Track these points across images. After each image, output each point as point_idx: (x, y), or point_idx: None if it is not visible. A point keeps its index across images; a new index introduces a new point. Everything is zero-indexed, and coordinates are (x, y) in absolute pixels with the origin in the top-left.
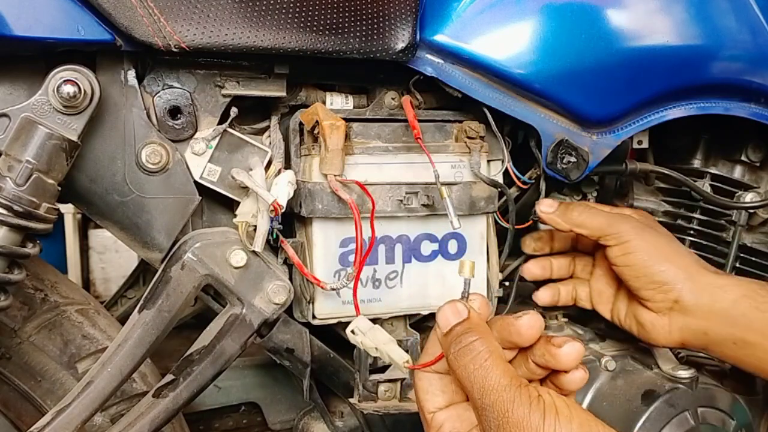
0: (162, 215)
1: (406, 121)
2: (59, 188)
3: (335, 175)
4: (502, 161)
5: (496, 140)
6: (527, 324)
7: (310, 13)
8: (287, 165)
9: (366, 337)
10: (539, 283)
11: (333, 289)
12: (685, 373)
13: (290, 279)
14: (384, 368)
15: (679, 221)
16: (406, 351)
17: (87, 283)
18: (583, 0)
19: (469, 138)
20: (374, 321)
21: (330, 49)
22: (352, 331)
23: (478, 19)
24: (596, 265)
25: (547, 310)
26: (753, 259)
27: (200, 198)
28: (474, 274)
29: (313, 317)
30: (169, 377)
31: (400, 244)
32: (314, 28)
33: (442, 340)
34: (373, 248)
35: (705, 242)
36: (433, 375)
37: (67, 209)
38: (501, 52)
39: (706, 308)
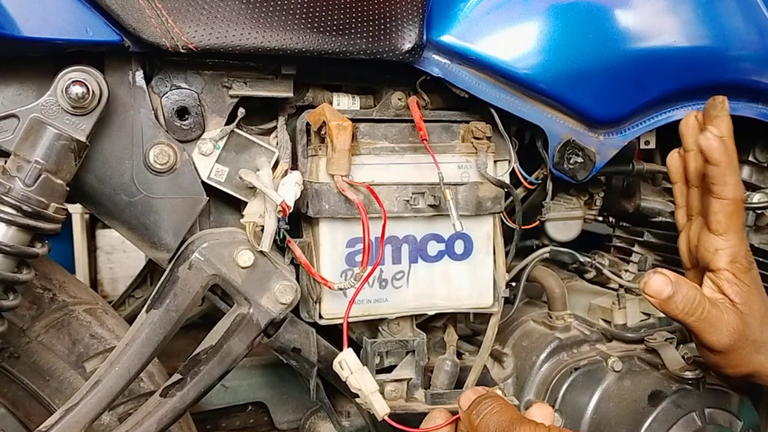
0: (170, 215)
1: (412, 121)
2: (67, 188)
3: (342, 176)
4: (509, 161)
5: (503, 140)
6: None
7: (317, 14)
8: (294, 165)
9: (354, 376)
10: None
11: (340, 289)
12: (691, 374)
13: (297, 279)
14: (390, 368)
15: None
16: (412, 351)
17: (95, 283)
18: (590, 0)
19: (475, 138)
20: (381, 321)
21: (337, 50)
22: (340, 365)
23: (484, 19)
24: None
25: (555, 311)
26: (761, 260)
27: (208, 198)
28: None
29: (320, 317)
30: (176, 377)
31: (406, 245)
32: (321, 29)
33: (464, 416)
34: (383, 244)
35: None
36: None
37: (75, 209)
38: (508, 53)
39: None
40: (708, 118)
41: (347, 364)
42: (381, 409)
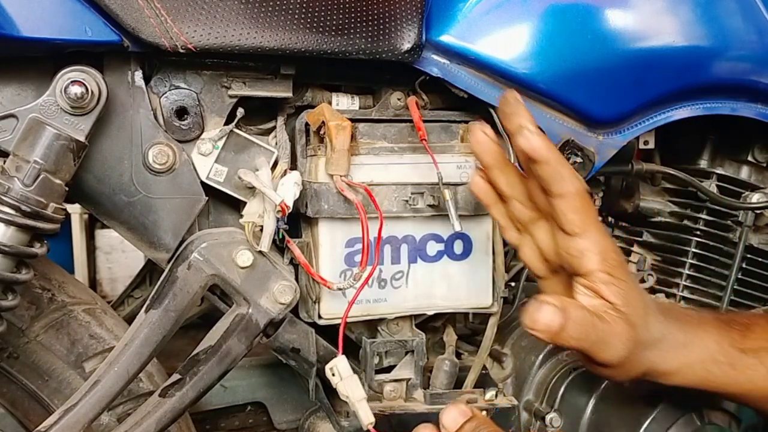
0: (169, 215)
1: (412, 121)
2: (66, 188)
3: (341, 176)
4: None
5: (502, 141)
6: None
7: (316, 14)
8: (293, 165)
9: (343, 383)
10: None
11: (339, 289)
12: None
13: (296, 279)
14: (390, 368)
15: (686, 222)
16: (411, 351)
17: (94, 283)
18: (590, 0)
19: None
20: (380, 321)
21: (336, 50)
22: (331, 371)
23: (484, 19)
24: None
25: None
26: (759, 259)
27: (207, 198)
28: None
29: (319, 317)
30: (175, 377)
31: (405, 245)
32: (320, 29)
33: None
34: (379, 247)
35: (711, 243)
36: None
37: (74, 209)
38: (507, 53)
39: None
40: (506, 118)
41: (338, 371)
42: (365, 418)
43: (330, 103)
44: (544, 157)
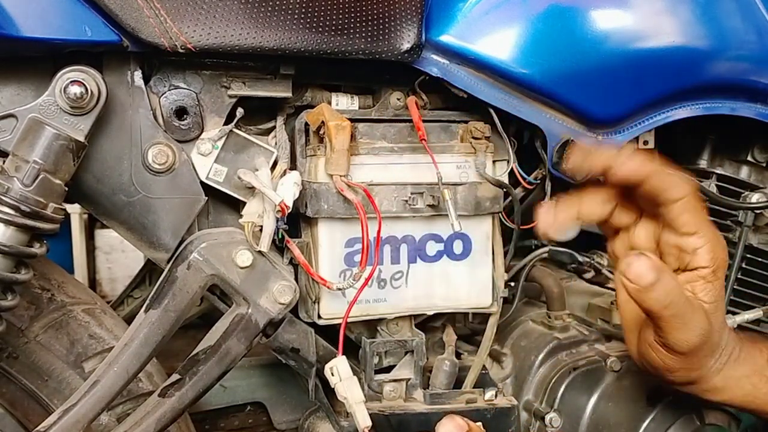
0: (168, 215)
1: (411, 121)
2: (66, 188)
3: (341, 176)
4: (508, 161)
5: (502, 141)
6: None
7: (315, 14)
8: (293, 165)
9: (342, 384)
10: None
11: (339, 289)
12: None
13: (296, 279)
14: (389, 368)
15: None
16: (411, 351)
17: (93, 283)
18: (589, 0)
19: (474, 138)
20: (380, 321)
21: (336, 50)
22: (331, 371)
23: (483, 19)
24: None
25: (553, 310)
26: (759, 259)
27: (206, 198)
28: None
29: (319, 317)
30: (175, 377)
31: (405, 245)
32: (320, 29)
33: None
34: (378, 249)
35: None
36: None
37: (74, 209)
38: (506, 53)
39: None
40: (587, 165)
41: (338, 371)
42: (363, 421)
43: (330, 103)
44: (646, 173)
